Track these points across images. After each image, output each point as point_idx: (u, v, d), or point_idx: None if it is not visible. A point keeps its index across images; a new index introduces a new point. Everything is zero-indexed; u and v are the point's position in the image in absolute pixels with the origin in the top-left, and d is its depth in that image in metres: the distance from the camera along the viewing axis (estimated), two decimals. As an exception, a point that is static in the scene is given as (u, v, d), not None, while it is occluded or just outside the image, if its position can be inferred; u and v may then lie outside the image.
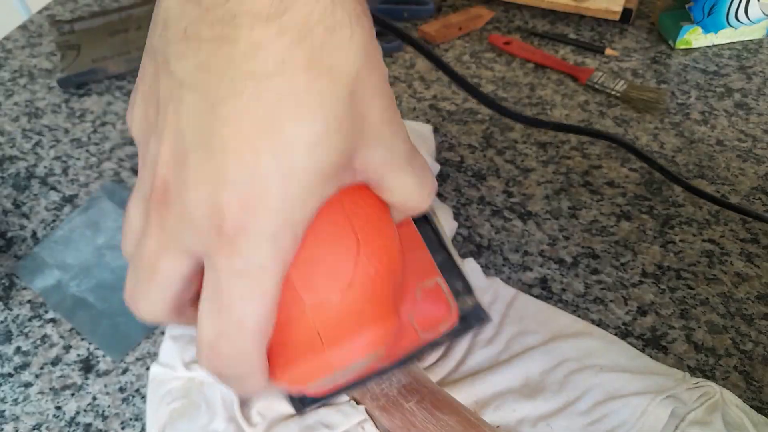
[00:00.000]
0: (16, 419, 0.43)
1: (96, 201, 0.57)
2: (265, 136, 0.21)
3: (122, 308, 0.47)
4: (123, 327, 0.48)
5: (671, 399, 0.40)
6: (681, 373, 0.42)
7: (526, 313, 0.46)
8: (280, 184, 0.21)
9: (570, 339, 0.44)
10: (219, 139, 0.21)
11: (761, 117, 0.65)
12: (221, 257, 0.21)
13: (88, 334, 0.48)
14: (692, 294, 0.49)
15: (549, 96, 0.68)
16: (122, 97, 0.69)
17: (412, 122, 0.62)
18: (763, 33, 0.74)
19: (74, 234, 0.54)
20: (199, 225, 0.21)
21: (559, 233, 0.54)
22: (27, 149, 0.63)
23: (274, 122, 0.20)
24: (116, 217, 0.55)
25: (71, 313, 0.49)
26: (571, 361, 0.43)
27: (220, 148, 0.21)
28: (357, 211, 0.26)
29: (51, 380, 0.46)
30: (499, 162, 0.60)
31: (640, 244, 0.53)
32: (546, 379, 0.42)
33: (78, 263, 0.52)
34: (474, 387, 0.42)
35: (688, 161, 0.60)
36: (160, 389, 0.43)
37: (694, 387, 0.41)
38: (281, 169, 0.21)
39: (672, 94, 0.68)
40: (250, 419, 0.40)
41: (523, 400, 0.41)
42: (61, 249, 0.53)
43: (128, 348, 0.46)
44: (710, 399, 0.40)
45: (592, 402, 0.41)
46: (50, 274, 0.52)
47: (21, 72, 0.73)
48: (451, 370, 0.43)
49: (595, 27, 0.78)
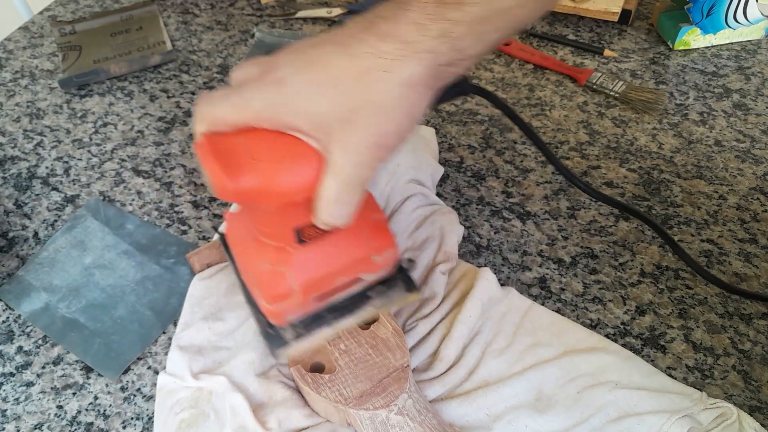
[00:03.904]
0: (18, 418, 0.44)
1: (80, 220, 0.55)
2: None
3: (115, 327, 0.48)
4: (116, 345, 0.47)
5: (687, 419, 0.40)
6: (698, 393, 0.42)
7: (540, 324, 0.46)
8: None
9: (584, 354, 0.44)
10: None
11: (759, 117, 0.65)
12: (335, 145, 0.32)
13: (81, 355, 0.47)
14: (691, 294, 0.50)
15: (548, 97, 0.68)
16: (123, 97, 0.70)
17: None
18: (761, 34, 0.75)
19: (60, 255, 0.53)
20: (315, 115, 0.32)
21: (558, 233, 0.54)
22: (28, 150, 0.64)
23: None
24: (103, 235, 0.54)
25: (62, 335, 0.48)
26: (585, 376, 0.42)
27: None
28: None
29: (52, 380, 0.46)
30: (498, 162, 0.61)
31: (638, 244, 0.53)
32: (559, 394, 0.42)
33: (66, 284, 0.51)
34: (486, 398, 0.41)
35: (686, 161, 0.60)
36: (168, 399, 0.43)
37: (711, 407, 0.41)
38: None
39: (670, 94, 0.68)
40: (266, 424, 0.40)
41: (536, 415, 0.41)
42: (46, 270, 0.52)
43: (123, 366, 0.46)
44: (727, 420, 0.40)
45: (606, 419, 0.40)
46: (37, 297, 0.50)
47: (22, 73, 0.74)
48: (462, 379, 0.43)
49: (594, 28, 0.78)
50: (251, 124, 0.33)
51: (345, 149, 0.32)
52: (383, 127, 0.32)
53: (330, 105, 0.31)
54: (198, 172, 0.61)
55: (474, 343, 0.44)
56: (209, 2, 0.85)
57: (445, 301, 0.47)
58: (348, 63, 0.31)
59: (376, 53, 0.31)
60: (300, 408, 0.40)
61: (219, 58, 0.75)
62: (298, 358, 0.42)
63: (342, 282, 0.40)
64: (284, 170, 0.33)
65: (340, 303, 0.41)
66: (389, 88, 0.31)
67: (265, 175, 0.32)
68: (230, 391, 0.41)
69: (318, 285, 0.39)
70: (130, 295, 0.50)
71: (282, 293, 0.38)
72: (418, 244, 0.51)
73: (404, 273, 0.43)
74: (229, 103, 0.33)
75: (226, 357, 0.44)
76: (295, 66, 0.33)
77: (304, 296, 0.39)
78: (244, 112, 0.33)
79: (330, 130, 0.32)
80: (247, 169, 0.32)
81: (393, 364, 0.40)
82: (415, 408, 0.38)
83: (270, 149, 0.33)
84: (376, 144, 0.32)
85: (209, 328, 0.46)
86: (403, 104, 0.32)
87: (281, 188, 0.33)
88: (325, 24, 0.80)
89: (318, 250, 0.38)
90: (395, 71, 0.31)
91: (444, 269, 0.48)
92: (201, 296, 0.48)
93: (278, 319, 0.40)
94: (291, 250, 0.37)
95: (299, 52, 0.33)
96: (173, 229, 0.55)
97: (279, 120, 0.32)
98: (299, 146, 0.33)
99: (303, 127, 0.32)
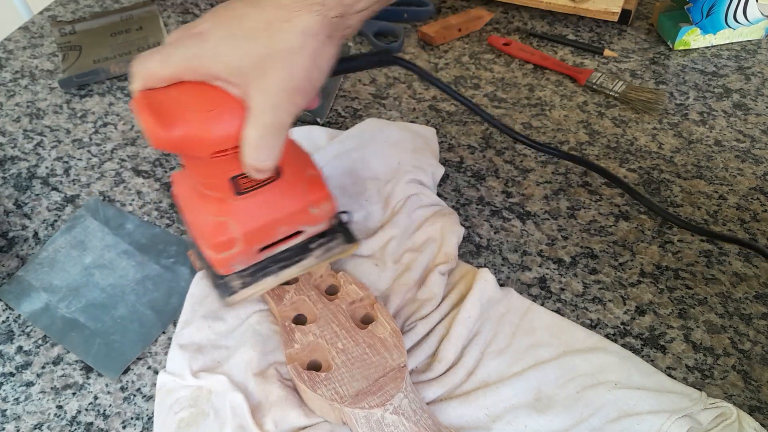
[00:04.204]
0: (18, 418, 0.44)
1: (79, 220, 0.55)
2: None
3: (115, 327, 0.48)
4: (117, 345, 0.47)
5: (687, 419, 0.40)
6: (697, 393, 0.42)
7: (540, 325, 0.46)
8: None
9: (583, 353, 0.44)
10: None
11: (759, 117, 0.65)
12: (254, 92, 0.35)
13: (82, 355, 0.47)
14: (690, 294, 0.50)
15: (548, 97, 0.68)
16: (123, 97, 0.70)
17: (416, 125, 0.62)
18: (761, 34, 0.75)
19: (59, 255, 0.53)
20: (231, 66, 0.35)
21: (558, 233, 0.54)
22: (28, 150, 0.64)
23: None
24: (102, 235, 0.54)
25: (62, 335, 0.48)
26: (584, 376, 0.42)
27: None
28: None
29: (52, 380, 0.46)
30: (498, 162, 0.61)
31: (638, 244, 0.53)
32: (559, 394, 0.42)
33: (66, 284, 0.51)
34: (485, 398, 0.41)
35: (686, 161, 0.60)
36: (168, 398, 0.43)
37: (711, 407, 0.41)
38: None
39: (670, 94, 0.68)
40: (263, 426, 0.40)
41: (536, 415, 0.41)
42: (46, 271, 0.52)
43: (124, 365, 0.46)
44: (726, 420, 0.40)
45: (606, 419, 0.40)
46: (37, 297, 0.50)
47: (22, 73, 0.74)
48: (461, 380, 0.43)
49: (593, 28, 0.78)
50: (178, 77, 0.36)
51: (261, 94, 0.35)
52: (293, 72, 0.35)
53: (245, 53, 0.35)
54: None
55: (473, 344, 0.44)
56: (209, 2, 0.85)
57: (444, 302, 0.47)
58: (257, 15, 0.35)
59: (278, 5, 0.35)
60: (296, 408, 0.40)
61: (219, 58, 0.75)
62: (295, 356, 0.42)
63: (283, 233, 0.43)
64: (212, 118, 0.35)
65: (283, 254, 0.44)
66: (291, 37, 0.35)
67: (194, 124, 0.35)
68: (230, 390, 0.41)
69: (260, 235, 0.42)
70: (130, 294, 0.50)
71: (225, 242, 0.41)
72: (418, 244, 0.51)
73: (343, 226, 0.47)
74: (157, 58, 0.36)
75: (225, 356, 0.44)
76: (213, 21, 0.36)
77: (247, 245, 0.42)
78: (170, 64, 0.36)
79: (247, 78, 0.35)
80: (178, 119, 0.35)
81: (390, 364, 0.40)
82: (411, 408, 0.38)
83: (198, 100, 0.36)
84: (289, 88, 0.35)
85: (209, 327, 0.46)
86: (307, 51, 0.35)
87: (210, 136, 0.36)
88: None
89: (257, 201, 0.41)
90: (294, 21, 0.35)
91: (443, 270, 0.48)
92: (202, 295, 0.48)
93: (224, 267, 0.42)
94: (231, 201, 0.40)
95: (218, 10, 0.37)
96: (173, 229, 0.55)
97: (201, 70, 0.36)
98: (224, 96, 0.36)
99: (223, 74, 0.35)
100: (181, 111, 0.35)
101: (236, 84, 0.35)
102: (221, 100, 0.36)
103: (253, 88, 0.35)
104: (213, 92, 0.36)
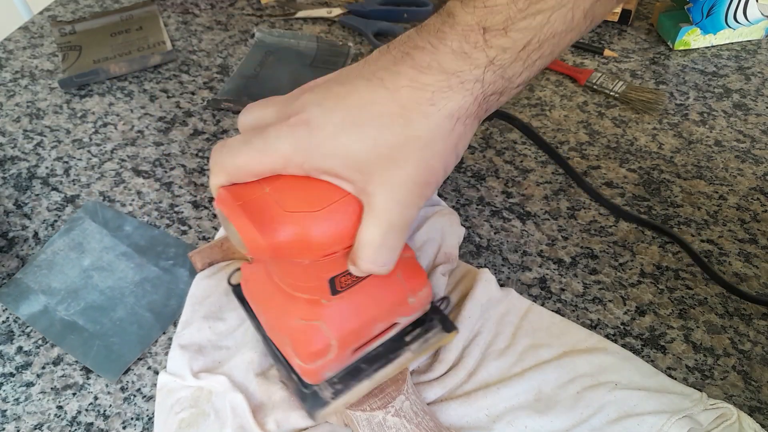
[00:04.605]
0: (18, 419, 0.44)
1: (77, 222, 0.55)
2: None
3: (114, 329, 0.48)
4: (116, 347, 0.47)
5: (687, 419, 0.40)
6: (698, 393, 0.42)
7: (540, 325, 0.46)
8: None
9: (584, 354, 0.44)
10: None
11: (759, 117, 0.65)
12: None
13: (81, 358, 0.46)
14: (691, 294, 0.50)
15: (548, 97, 0.68)
16: (123, 97, 0.70)
17: None
18: (761, 34, 0.75)
19: (58, 257, 0.53)
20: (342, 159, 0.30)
21: (558, 233, 0.54)
22: (28, 150, 0.64)
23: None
24: (101, 237, 0.54)
25: (61, 337, 0.48)
26: (584, 376, 0.42)
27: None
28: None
29: (52, 380, 0.46)
30: (498, 162, 0.61)
31: (638, 244, 0.53)
32: (559, 395, 0.42)
33: (64, 287, 0.51)
34: (486, 399, 0.41)
35: (686, 161, 0.60)
36: (168, 398, 0.43)
37: (711, 408, 0.41)
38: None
39: (671, 94, 0.68)
40: (264, 426, 0.40)
41: (536, 415, 0.41)
42: (45, 273, 0.52)
43: (123, 368, 0.46)
44: (727, 421, 0.40)
45: (606, 420, 0.40)
46: (36, 300, 0.50)
47: (22, 73, 0.74)
48: (461, 381, 0.43)
49: (593, 28, 0.78)
50: (278, 171, 0.31)
51: (388, 190, 0.30)
52: (429, 164, 0.30)
53: (368, 144, 0.29)
54: (197, 172, 0.61)
55: (474, 345, 0.44)
56: (209, 2, 0.85)
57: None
58: (388, 98, 0.29)
59: (417, 86, 0.29)
60: (299, 409, 0.40)
61: (219, 58, 0.75)
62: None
63: (379, 329, 0.38)
64: (321, 219, 0.30)
65: (376, 350, 0.39)
66: (435, 122, 0.29)
67: (301, 227, 0.30)
68: (231, 391, 0.41)
69: (356, 336, 0.36)
70: (129, 296, 0.50)
71: (319, 350, 0.35)
72: (418, 245, 0.51)
73: (438, 311, 0.41)
74: (253, 148, 0.30)
75: (226, 356, 0.44)
76: (324, 105, 0.30)
77: (342, 350, 0.36)
78: (271, 158, 0.30)
79: (369, 171, 0.29)
80: (282, 222, 0.30)
81: None
82: (412, 410, 0.38)
83: (302, 198, 0.30)
84: (422, 182, 0.30)
85: (210, 327, 0.46)
86: (450, 138, 0.30)
87: (320, 239, 0.30)
88: (325, 24, 0.80)
89: (353, 299, 0.35)
90: (441, 103, 0.29)
91: (444, 270, 0.48)
92: (202, 295, 0.48)
93: (315, 377, 0.37)
94: (325, 302, 0.35)
95: (324, 89, 0.31)
96: (173, 230, 0.55)
97: (311, 164, 0.30)
98: (333, 192, 0.30)
99: (338, 170, 0.30)
100: (283, 212, 0.30)
101: (353, 181, 0.30)
102: (330, 196, 0.30)
103: (377, 184, 0.30)
104: (318, 187, 0.30)
